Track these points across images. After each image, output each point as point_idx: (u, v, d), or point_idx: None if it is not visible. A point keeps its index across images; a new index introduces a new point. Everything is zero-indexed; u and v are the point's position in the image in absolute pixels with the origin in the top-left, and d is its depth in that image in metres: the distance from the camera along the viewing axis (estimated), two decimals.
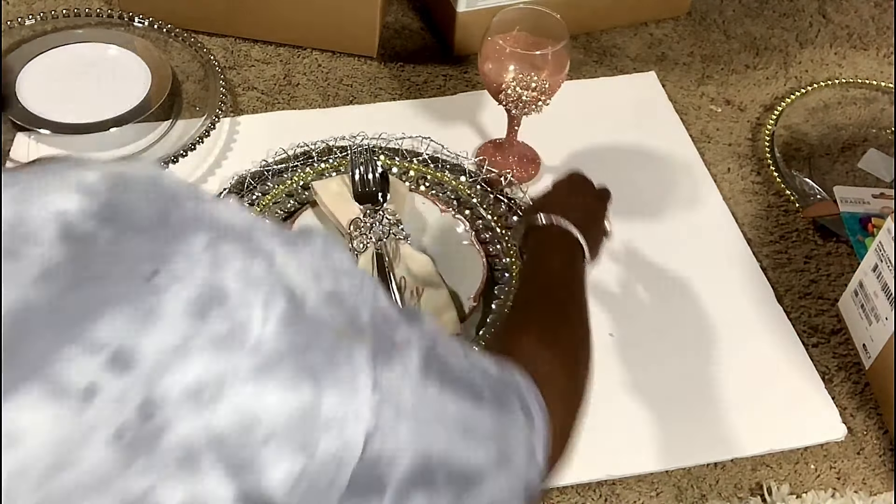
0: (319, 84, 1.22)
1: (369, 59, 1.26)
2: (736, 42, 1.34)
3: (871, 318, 0.99)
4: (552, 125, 1.08)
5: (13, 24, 1.21)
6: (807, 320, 1.05)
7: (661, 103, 1.24)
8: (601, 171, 1.15)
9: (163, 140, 1.12)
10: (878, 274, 0.98)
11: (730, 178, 1.17)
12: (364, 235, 0.98)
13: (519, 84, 1.02)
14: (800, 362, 1.00)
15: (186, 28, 1.23)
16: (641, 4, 1.33)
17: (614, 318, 1.02)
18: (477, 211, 1.07)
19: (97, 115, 1.12)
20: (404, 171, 1.10)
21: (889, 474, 0.94)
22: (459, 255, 1.01)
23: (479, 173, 1.12)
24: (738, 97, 1.27)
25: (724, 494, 0.91)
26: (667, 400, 0.96)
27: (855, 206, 1.13)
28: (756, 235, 1.12)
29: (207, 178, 1.10)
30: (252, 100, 1.20)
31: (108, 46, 1.20)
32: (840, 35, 1.36)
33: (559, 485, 0.90)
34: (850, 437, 0.96)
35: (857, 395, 0.99)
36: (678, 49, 1.32)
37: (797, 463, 0.94)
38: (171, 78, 1.17)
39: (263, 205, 1.04)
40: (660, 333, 1.01)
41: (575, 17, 1.07)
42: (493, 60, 1.05)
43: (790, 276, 1.08)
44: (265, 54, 1.25)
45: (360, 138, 1.14)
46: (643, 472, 0.92)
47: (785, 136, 1.22)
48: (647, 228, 1.11)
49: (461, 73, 1.25)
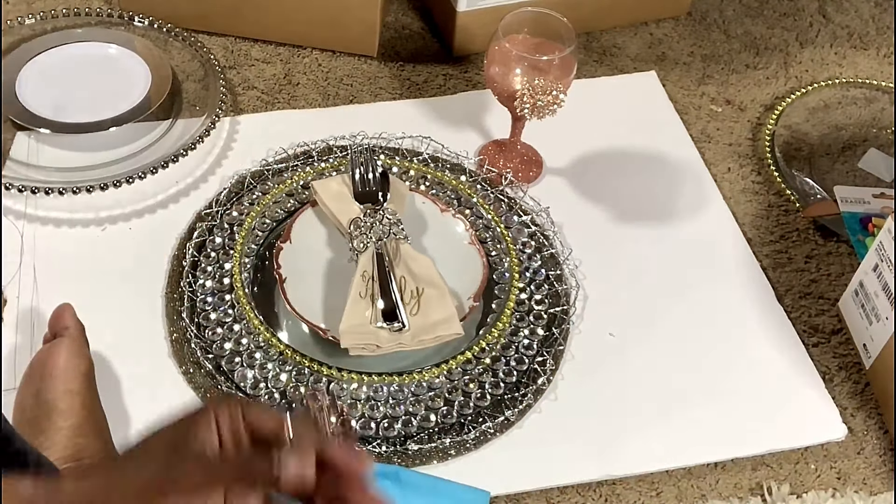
0: (319, 83, 1.22)
1: (369, 58, 1.26)
2: (736, 42, 1.34)
3: (871, 318, 0.99)
4: (552, 125, 1.08)
5: (13, 23, 1.21)
6: (807, 320, 1.05)
7: (661, 103, 1.24)
8: (601, 172, 1.16)
9: (163, 139, 1.12)
10: (878, 274, 0.98)
11: (730, 177, 1.17)
12: (364, 235, 0.98)
13: (535, 90, 1.02)
14: (800, 362, 1.00)
15: (186, 27, 1.23)
16: (641, 4, 1.33)
17: (614, 318, 1.02)
18: (477, 211, 1.07)
19: (97, 115, 1.12)
20: (404, 171, 1.10)
21: (889, 474, 0.94)
22: (459, 255, 1.01)
23: (480, 173, 1.12)
24: (739, 97, 1.27)
25: (724, 494, 0.91)
26: (667, 400, 0.96)
27: (855, 205, 1.13)
28: (756, 235, 1.12)
29: (207, 177, 1.10)
30: (252, 99, 1.20)
31: (108, 46, 1.20)
32: (840, 35, 1.36)
33: (559, 485, 0.90)
34: (850, 437, 0.96)
35: (858, 395, 0.99)
36: (678, 49, 1.32)
37: (797, 463, 0.94)
38: (171, 77, 1.17)
39: (263, 204, 1.04)
40: (660, 333, 1.01)
41: (575, 16, 1.07)
42: (501, 65, 1.05)
43: (790, 275, 1.08)
44: (265, 54, 1.25)
45: (361, 138, 1.14)
46: (643, 472, 0.92)
47: (785, 136, 1.21)
48: (647, 228, 1.11)
49: (461, 73, 1.25)
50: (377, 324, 0.93)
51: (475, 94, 1.22)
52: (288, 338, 0.97)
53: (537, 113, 1.05)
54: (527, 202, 1.10)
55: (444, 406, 0.92)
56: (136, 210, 1.06)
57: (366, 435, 0.91)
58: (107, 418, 0.85)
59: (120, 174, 1.06)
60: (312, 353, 0.94)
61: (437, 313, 0.94)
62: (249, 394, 0.92)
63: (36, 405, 0.82)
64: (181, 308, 0.97)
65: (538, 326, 0.99)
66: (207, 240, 1.03)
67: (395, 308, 0.93)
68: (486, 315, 0.99)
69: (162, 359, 0.95)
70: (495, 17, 1.06)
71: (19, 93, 1.13)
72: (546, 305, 1.01)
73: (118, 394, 0.92)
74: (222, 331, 0.96)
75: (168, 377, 0.94)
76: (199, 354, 0.94)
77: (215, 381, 0.93)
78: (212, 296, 0.98)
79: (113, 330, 0.95)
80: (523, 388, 0.95)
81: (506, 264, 1.03)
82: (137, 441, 0.55)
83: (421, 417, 0.92)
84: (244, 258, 1.00)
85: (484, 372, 0.95)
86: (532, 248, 1.05)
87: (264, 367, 0.93)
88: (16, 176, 1.06)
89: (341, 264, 1.00)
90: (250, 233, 1.02)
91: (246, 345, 0.95)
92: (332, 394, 0.79)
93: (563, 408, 0.95)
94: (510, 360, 0.96)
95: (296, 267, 0.98)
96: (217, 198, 1.06)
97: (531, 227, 1.07)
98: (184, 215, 1.06)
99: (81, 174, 1.07)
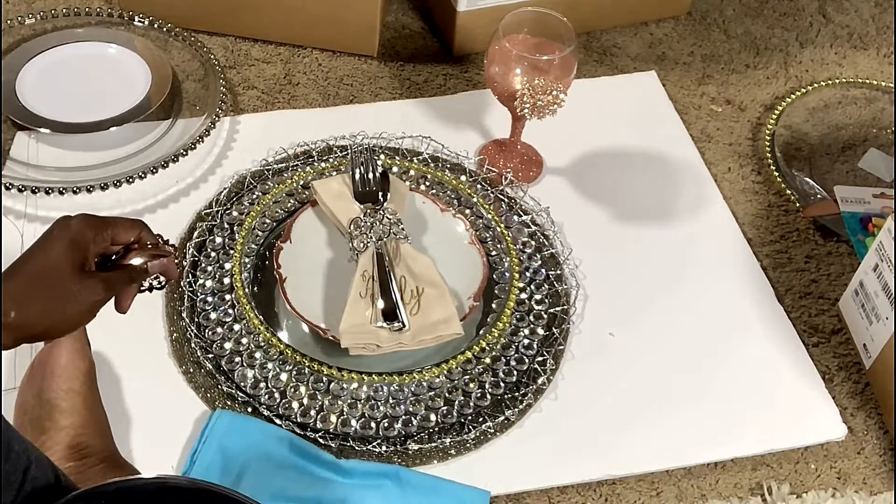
0: (319, 83, 1.22)
1: (369, 58, 1.26)
2: (736, 42, 1.34)
3: (871, 318, 0.99)
4: (552, 125, 1.08)
5: (13, 23, 1.21)
6: (807, 320, 1.05)
7: (661, 103, 1.24)
8: (601, 171, 1.16)
9: (163, 139, 1.12)
10: (878, 274, 0.98)
11: (730, 177, 1.17)
12: (364, 235, 0.98)
13: (535, 90, 1.02)
14: (800, 362, 1.00)
15: (186, 27, 1.23)
16: (642, 4, 1.33)
17: (614, 317, 1.02)
18: (477, 211, 1.07)
19: (97, 115, 1.12)
20: (404, 171, 1.10)
21: (889, 474, 0.94)
22: (459, 254, 1.01)
23: (480, 173, 1.12)
24: (739, 97, 1.27)
25: (724, 494, 0.91)
26: (667, 400, 0.96)
27: (855, 205, 1.13)
28: (756, 235, 1.12)
29: (207, 177, 1.10)
30: (252, 99, 1.20)
31: (108, 46, 1.20)
32: (840, 35, 1.36)
33: (559, 484, 0.90)
34: (850, 437, 0.96)
35: (858, 395, 0.99)
36: (678, 49, 1.32)
37: (797, 463, 0.94)
38: (171, 77, 1.17)
39: (263, 204, 1.04)
40: (660, 333, 1.01)
41: (575, 16, 1.07)
42: (501, 64, 1.05)
43: (790, 275, 1.08)
44: (265, 53, 1.25)
45: (361, 138, 1.14)
46: (643, 472, 0.92)
47: (785, 136, 1.22)
48: (647, 228, 1.11)
49: (461, 73, 1.25)
50: (377, 323, 0.93)
51: (475, 94, 1.22)
52: (288, 338, 0.97)
53: (537, 113, 1.05)
54: (527, 202, 1.10)
55: (444, 406, 0.92)
56: (136, 210, 1.06)
57: (366, 435, 0.91)
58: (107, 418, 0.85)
59: (120, 174, 1.06)
60: (312, 353, 0.94)
61: (437, 313, 0.94)
62: (250, 393, 0.92)
63: (38, 405, 0.82)
64: (181, 308, 0.97)
65: (538, 326, 0.99)
66: (207, 239, 1.03)
67: (395, 308, 0.93)
68: (486, 315, 0.99)
69: (162, 359, 0.95)
70: (495, 16, 1.06)
71: (19, 93, 1.13)
72: (546, 305, 1.01)
73: (119, 393, 0.92)
74: (222, 331, 0.96)
75: (168, 377, 0.94)
76: (199, 354, 0.94)
77: (215, 381, 0.93)
78: (212, 296, 0.98)
79: (113, 330, 0.95)
80: (523, 388, 0.95)
81: (506, 264, 1.03)
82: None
83: (421, 417, 0.92)
84: (244, 258, 1.00)
85: (484, 372, 0.95)
86: (532, 248, 1.05)
87: (264, 366, 0.93)
88: (16, 176, 1.06)
89: (341, 264, 1.00)
90: (250, 233, 1.02)
91: (246, 345, 0.95)
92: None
93: (563, 408, 0.95)
94: (510, 359, 0.96)
95: (296, 267, 0.98)
96: (217, 198, 1.06)
97: (531, 226, 1.07)
98: (184, 215, 1.06)
99: (81, 174, 1.07)
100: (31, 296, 0.71)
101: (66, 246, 0.73)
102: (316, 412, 0.91)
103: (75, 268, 0.73)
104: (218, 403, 0.92)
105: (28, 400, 0.83)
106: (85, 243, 0.74)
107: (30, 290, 0.71)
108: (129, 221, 0.78)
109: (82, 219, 0.75)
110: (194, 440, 0.89)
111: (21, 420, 0.83)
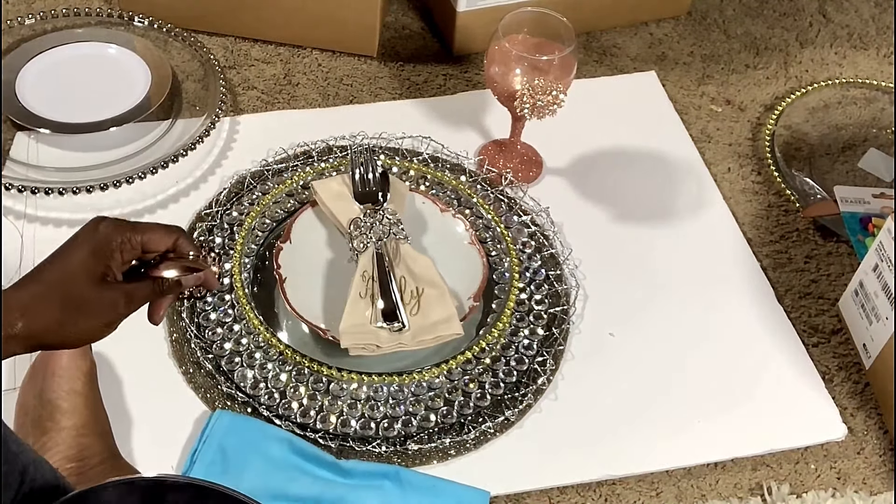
0: (319, 84, 1.22)
1: (369, 58, 1.26)
2: (736, 42, 1.34)
3: (871, 318, 0.99)
4: (552, 125, 1.08)
5: (13, 23, 1.21)
6: (807, 320, 1.05)
7: (661, 103, 1.24)
8: (601, 171, 1.16)
9: (163, 139, 1.12)
10: (878, 274, 0.98)
11: (730, 177, 1.17)
12: (364, 235, 0.98)
13: (535, 90, 1.02)
14: (800, 362, 1.00)
15: (186, 27, 1.23)
16: (641, 4, 1.33)
17: (614, 317, 1.02)
18: (477, 211, 1.07)
19: (97, 115, 1.12)
20: (404, 171, 1.10)
21: (889, 474, 0.94)
22: (459, 255, 1.01)
23: (480, 173, 1.12)
24: (739, 97, 1.27)
25: (724, 494, 0.91)
26: (666, 400, 0.96)
27: (855, 205, 1.13)
28: (756, 235, 1.12)
29: (207, 177, 1.10)
30: (252, 99, 1.20)
31: (107, 46, 1.20)
32: (840, 35, 1.36)
33: (559, 485, 0.90)
34: (850, 437, 0.96)
35: (857, 395, 0.99)
36: (678, 49, 1.32)
37: (797, 463, 0.94)
38: (170, 77, 1.17)
39: (263, 204, 1.04)
40: (660, 333, 1.01)
41: (575, 16, 1.07)
42: (501, 65, 1.05)
43: (790, 275, 1.08)
44: (265, 54, 1.25)
45: (360, 138, 1.14)
46: (643, 472, 0.92)
47: (785, 136, 1.22)
48: (647, 228, 1.11)
49: (461, 73, 1.25)
50: (377, 324, 0.93)
51: (475, 94, 1.22)
52: (288, 338, 0.97)
53: (537, 113, 1.05)
54: (527, 202, 1.10)
55: (444, 406, 0.92)
56: (136, 210, 1.06)
57: (366, 435, 0.91)
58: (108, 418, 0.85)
59: (120, 174, 1.06)
60: (312, 353, 0.94)
61: (437, 313, 0.94)
62: (249, 394, 0.92)
63: (39, 405, 0.82)
64: (181, 308, 0.97)
65: (538, 326, 0.99)
66: (207, 240, 1.03)
67: (395, 308, 0.93)
68: (486, 315, 0.99)
69: (162, 359, 0.95)
70: (495, 17, 1.06)
71: (19, 93, 1.13)
72: (546, 305, 1.01)
73: (119, 394, 0.92)
74: (222, 331, 0.96)
75: (168, 377, 0.94)
76: (199, 354, 0.94)
77: (215, 381, 0.93)
78: (212, 296, 0.98)
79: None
80: (523, 388, 0.95)
81: (506, 264, 1.03)
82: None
83: (421, 417, 0.92)
84: (244, 258, 1.00)
85: (484, 372, 0.95)
86: (532, 248, 1.05)
87: (264, 367, 0.93)
88: (16, 176, 1.06)
89: (341, 264, 1.00)
90: (250, 233, 1.02)
91: (246, 345, 0.95)
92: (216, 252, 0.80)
93: (563, 408, 0.95)
94: (510, 359, 0.96)
95: (296, 267, 0.98)
96: (217, 198, 1.06)
97: (531, 227, 1.07)
98: (184, 215, 1.06)
99: (81, 174, 1.07)
100: (43, 305, 0.66)
101: (87, 253, 0.68)
102: (316, 412, 0.91)
103: (95, 278, 0.67)
104: (218, 404, 0.92)
105: (29, 400, 0.83)
106: (110, 251, 0.69)
107: (43, 299, 0.66)
108: (164, 228, 0.72)
109: (111, 223, 0.70)
110: (194, 440, 0.89)
111: (22, 420, 0.83)
